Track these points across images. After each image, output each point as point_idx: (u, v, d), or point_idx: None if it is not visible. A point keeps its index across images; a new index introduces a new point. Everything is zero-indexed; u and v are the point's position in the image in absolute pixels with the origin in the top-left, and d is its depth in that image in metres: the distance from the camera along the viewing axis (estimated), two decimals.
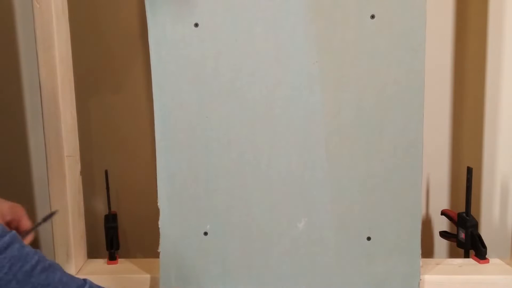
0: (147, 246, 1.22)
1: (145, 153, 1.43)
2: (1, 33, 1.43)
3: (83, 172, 1.22)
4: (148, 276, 1.21)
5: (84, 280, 0.85)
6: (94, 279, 1.20)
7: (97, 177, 1.23)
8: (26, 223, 0.98)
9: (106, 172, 1.24)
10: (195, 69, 1.08)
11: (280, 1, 1.05)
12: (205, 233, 1.14)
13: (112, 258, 1.26)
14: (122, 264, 1.26)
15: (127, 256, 1.29)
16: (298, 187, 1.12)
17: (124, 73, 1.45)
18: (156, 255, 1.16)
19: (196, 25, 1.07)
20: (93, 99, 1.44)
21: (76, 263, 1.21)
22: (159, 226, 1.14)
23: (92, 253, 1.34)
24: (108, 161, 1.40)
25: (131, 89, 1.45)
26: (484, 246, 1.24)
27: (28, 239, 0.97)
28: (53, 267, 0.81)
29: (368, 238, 1.14)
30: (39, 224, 1.01)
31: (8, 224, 0.96)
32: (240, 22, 1.06)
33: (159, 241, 1.15)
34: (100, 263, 1.26)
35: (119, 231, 1.26)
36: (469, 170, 1.24)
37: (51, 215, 1.04)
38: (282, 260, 1.15)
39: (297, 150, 1.10)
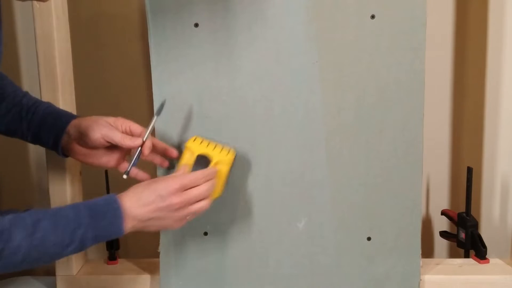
0: (147, 246, 1.22)
1: None
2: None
3: (83, 172, 1.22)
4: (148, 276, 1.21)
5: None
6: (94, 279, 1.21)
7: (97, 177, 1.22)
8: (136, 127, 1.03)
9: (106, 172, 1.24)
10: (195, 69, 1.08)
11: (280, 1, 1.05)
12: (205, 233, 1.14)
13: (112, 258, 1.26)
14: (122, 264, 1.26)
15: (127, 256, 1.29)
16: (298, 187, 1.12)
17: (124, 73, 1.45)
18: (156, 255, 1.16)
19: (196, 25, 1.07)
20: (93, 99, 1.44)
21: (76, 263, 1.21)
22: None
23: (92, 253, 1.34)
24: None
25: (131, 89, 1.45)
26: (484, 246, 1.24)
27: (148, 144, 1.01)
28: None
29: (368, 238, 1.14)
30: (152, 123, 1.03)
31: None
32: (240, 22, 1.06)
33: (159, 241, 1.15)
34: (100, 263, 1.26)
35: None
36: (469, 170, 1.24)
37: (161, 106, 1.07)
38: (282, 260, 1.15)
39: (297, 150, 1.10)
